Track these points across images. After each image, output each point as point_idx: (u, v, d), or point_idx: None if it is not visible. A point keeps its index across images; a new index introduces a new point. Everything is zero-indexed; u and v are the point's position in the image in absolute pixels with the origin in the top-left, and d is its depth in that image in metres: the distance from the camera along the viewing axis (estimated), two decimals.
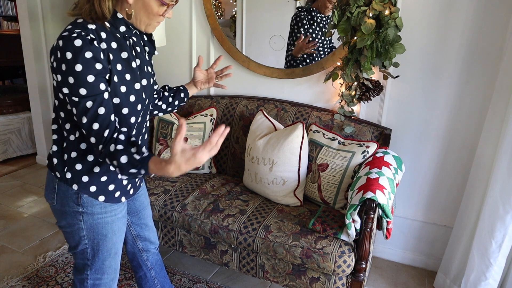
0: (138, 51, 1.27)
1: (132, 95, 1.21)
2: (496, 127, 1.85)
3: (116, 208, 1.35)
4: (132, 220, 1.57)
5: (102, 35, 1.15)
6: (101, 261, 1.37)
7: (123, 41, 1.21)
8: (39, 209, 2.90)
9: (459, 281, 2.03)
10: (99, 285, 1.41)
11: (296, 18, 2.30)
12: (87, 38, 1.09)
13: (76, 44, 1.06)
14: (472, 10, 1.93)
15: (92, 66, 1.08)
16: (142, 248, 1.65)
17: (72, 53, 1.06)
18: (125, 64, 1.20)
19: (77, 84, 1.08)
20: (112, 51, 1.16)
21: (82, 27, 1.12)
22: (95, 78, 1.09)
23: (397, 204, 2.30)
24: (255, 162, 2.08)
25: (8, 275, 2.20)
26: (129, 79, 1.20)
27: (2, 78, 4.88)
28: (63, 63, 1.07)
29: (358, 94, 2.13)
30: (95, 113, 1.11)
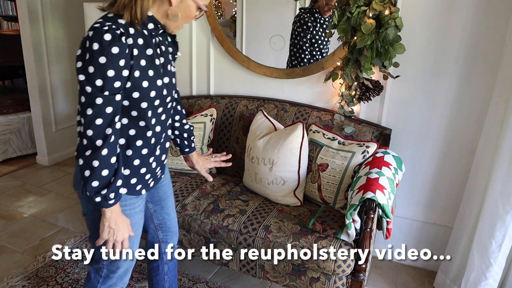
0: (163, 50, 1.30)
1: (153, 91, 1.23)
2: (496, 127, 1.85)
3: (135, 201, 1.37)
4: (155, 209, 1.60)
5: (130, 31, 1.17)
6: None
7: (149, 38, 1.24)
8: (39, 209, 2.90)
9: (459, 281, 2.03)
10: (112, 277, 1.43)
11: (300, 21, 2.29)
12: (116, 33, 1.12)
13: (106, 38, 1.10)
14: (472, 10, 1.93)
15: (115, 62, 1.11)
16: (162, 239, 1.67)
17: (99, 45, 1.09)
18: (149, 60, 1.22)
19: (96, 75, 1.10)
20: (138, 47, 1.19)
21: (113, 21, 1.14)
22: (115, 74, 1.12)
23: (397, 204, 2.30)
24: (255, 162, 2.08)
25: (8, 275, 2.20)
26: (151, 75, 1.23)
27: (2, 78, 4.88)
28: (88, 52, 1.10)
29: (358, 94, 2.13)
30: (101, 109, 1.13)
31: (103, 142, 1.15)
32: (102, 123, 1.14)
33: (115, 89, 1.14)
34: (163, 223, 1.64)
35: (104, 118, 1.14)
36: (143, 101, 1.23)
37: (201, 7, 1.26)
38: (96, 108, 1.13)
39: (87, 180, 1.16)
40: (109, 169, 1.18)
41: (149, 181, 1.41)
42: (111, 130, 1.16)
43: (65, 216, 2.82)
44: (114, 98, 1.15)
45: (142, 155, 1.32)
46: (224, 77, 2.59)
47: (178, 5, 1.23)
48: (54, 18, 3.42)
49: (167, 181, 1.61)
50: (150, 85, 1.23)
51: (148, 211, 1.60)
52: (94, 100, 1.12)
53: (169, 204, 1.64)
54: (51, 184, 3.29)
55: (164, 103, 1.32)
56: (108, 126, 1.15)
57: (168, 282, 1.76)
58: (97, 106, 1.13)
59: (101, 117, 1.14)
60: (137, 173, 1.33)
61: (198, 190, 2.14)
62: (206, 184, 2.21)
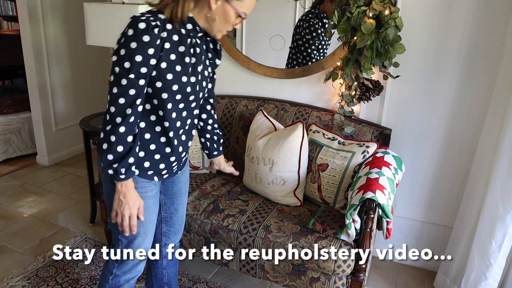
0: (197, 51, 1.37)
1: (175, 85, 1.31)
2: (496, 127, 1.85)
3: (147, 185, 1.43)
4: (165, 202, 1.64)
5: (167, 26, 1.26)
6: (130, 239, 1.45)
7: (185, 37, 1.31)
8: (39, 209, 2.90)
9: (459, 281, 2.03)
10: (127, 263, 1.49)
11: (309, 27, 2.29)
12: (151, 24, 1.21)
13: (140, 26, 1.20)
14: (472, 10, 1.93)
15: (145, 49, 1.21)
16: (164, 232, 1.70)
17: (133, 31, 1.20)
18: (179, 56, 1.30)
19: (125, 57, 1.21)
20: (171, 41, 1.27)
21: (153, 14, 1.25)
22: (142, 60, 1.22)
23: (397, 204, 2.30)
24: (255, 162, 2.08)
25: (8, 275, 2.20)
26: (178, 71, 1.30)
27: (2, 78, 4.87)
28: (124, 36, 1.22)
29: (358, 94, 2.13)
30: (125, 90, 1.23)
31: (122, 120, 1.25)
32: (124, 103, 1.24)
33: (141, 74, 1.23)
34: (169, 218, 1.67)
35: (126, 98, 1.24)
36: (164, 91, 1.30)
37: (240, 14, 1.32)
38: (121, 88, 1.23)
39: (103, 152, 1.27)
40: (124, 145, 1.27)
41: (162, 171, 1.45)
42: (131, 111, 1.25)
43: (65, 216, 2.82)
44: (138, 82, 1.24)
45: (158, 142, 1.39)
46: (224, 77, 2.59)
47: (217, 9, 1.29)
48: (54, 18, 3.42)
49: (185, 179, 1.65)
50: (173, 78, 1.30)
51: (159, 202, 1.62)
52: (120, 81, 1.23)
53: (180, 201, 1.67)
54: (51, 184, 3.29)
55: (187, 100, 1.38)
56: (129, 106, 1.25)
57: (167, 278, 1.77)
58: (122, 86, 1.23)
59: (123, 97, 1.24)
60: (151, 158, 1.40)
61: (198, 190, 2.14)
62: (206, 184, 2.21)
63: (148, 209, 1.43)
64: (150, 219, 1.46)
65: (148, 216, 1.44)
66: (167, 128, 1.37)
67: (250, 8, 1.34)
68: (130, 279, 1.54)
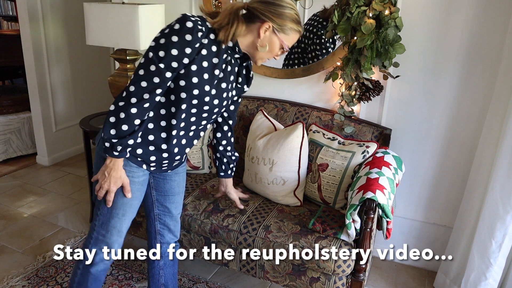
0: (228, 69, 1.43)
1: (197, 89, 1.35)
2: (496, 127, 1.85)
3: (135, 171, 1.47)
4: (157, 198, 1.66)
5: (210, 36, 1.33)
6: (108, 217, 1.49)
7: (222, 52, 1.37)
8: (39, 209, 2.90)
9: (459, 281, 2.03)
10: (101, 241, 1.52)
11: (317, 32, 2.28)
12: (197, 26, 1.27)
13: (187, 25, 1.26)
14: (472, 10, 1.93)
15: (183, 46, 1.26)
16: (158, 231, 1.71)
17: (179, 26, 1.26)
18: (210, 66, 1.35)
19: (163, 47, 1.26)
20: (209, 50, 1.33)
21: (202, 20, 1.32)
22: (177, 55, 1.26)
23: (397, 204, 2.30)
24: (255, 162, 2.08)
25: (8, 275, 2.20)
26: (205, 78, 1.35)
27: (2, 78, 4.87)
28: (169, 28, 1.27)
29: (358, 94, 2.13)
30: (151, 76, 1.28)
31: (137, 101, 1.29)
32: (145, 87, 1.29)
33: (170, 66, 1.27)
34: (162, 217, 1.69)
35: (148, 83, 1.28)
36: (184, 91, 1.35)
37: (284, 46, 1.40)
38: (147, 72, 1.28)
39: (108, 124, 1.32)
40: (129, 126, 1.32)
41: (151, 163, 1.49)
42: (148, 96, 1.30)
43: (65, 216, 2.82)
44: (165, 73, 1.28)
45: (158, 135, 1.43)
46: None
47: (264, 38, 1.37)
48: (54, 18, 3.42)
49: (178, 179, 1.66)
50: (197, 83, 1.34)
51: (151, 197, 1.66)
52: (149, 66, 1.27)
53: (173, 200, 1.68)
54: (51, 184, 3.29)
55: (201, 109, 1.41)
56: (148, 92, 1.29)
57: (164, 278, 1.77)
58: (149, 71, 1.28)
59: (147, 82, 1.28)
60: (145, 147, 1.44)
61: (198, 190, 2.14)
62: (206, 184, 2.22)
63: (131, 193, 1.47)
64: (131, 204, 1.50)
65: (130, 201, 1.48)
66: (172, 126, 1.41)
67: (293, 42, 1.43)
68: (103, 259, 1.55)
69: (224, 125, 1.71)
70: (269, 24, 1.35)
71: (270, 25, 1.35)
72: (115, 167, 1.39)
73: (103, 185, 1.41)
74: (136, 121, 1.33)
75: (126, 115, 1.31)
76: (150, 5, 2.26)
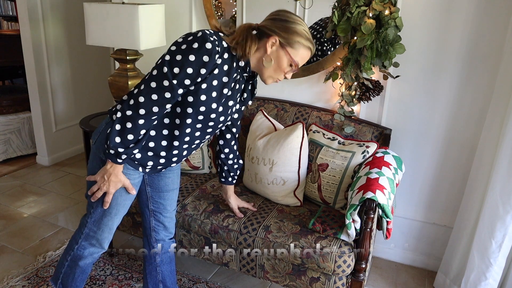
0: (236, 87, 1.44)
1: (203, 107, 1.36)
2: (496, 127, 1.85)
3: (132, 173, 1.49)
4: (152, 195, 1.68)
5: (224, 56, 1.33)
6: (100, 216, 1.51)
7: (233, 71, 1.37)
8: (39, 209, 2.90)
9: (459, 281, 2.03)
10: (92, 237, 1.55)
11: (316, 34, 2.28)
12: (215, 49, 1.27)
13: (206, 46, 1.25)
14: (472, 10, 1.93)
15: (199, 66, 1.26)
16: (153, 228, 1.73)
17: (198, 46, 1.25)
18: (220, 85, 1.35)
19: (177, 63, 1.26)
20: (221, 69, 1.33)
21: (219, 39, 1.31)
22: (191, 73, 1.27)
23: (397, 204, 2.30)
24: (255, 162, 2.08)
25: (8, 275, 2.21)
26: (213, 96, 1.36)
27: (2, 78, 4.87)
28: (186, 44, 1.26)
29: (358, 94, 2.13)
30: (162, 90, 1.28)
31: (145, 113, 1.30)
32: (155, 100, 1.29)
33: (183, 84, 1.29)
34: (157, 212, 1.71)
35: (159, 98, 1.29)
36: (191, 107, 1.35)
37: (293, 62, 1.38)
38: (160, 86, 1.28)
39: (114, 133, 1.32)
40: (134, 136, 1.33)
41: (147, 166, 1.51)
42: (157, 110, 1.31)
43: (65, 216, 2.82)
44: (177, 89, 1.29)
45: (159, 143, 1.45)
46: None
47: (271, 53, 1.37)
48: (54, 18, 3.42)
49: (173, 175, 1.68)
50: (205, 101, 1.35)
51: (146, 194, 1.68)
52: (162, 80, 1.27)
53: (167, 197, 1.70)
54: (51, 184, 3.29)
55: (206, 124, 1.43)
56: (158, 105, 1.30)
57: (161, 275, 1.79)
58: (162, 86, 1.28)
59: (157, 95, 1.29)
60: (144, 152, 1.46)
61: (198, 190, 2.14)
62: (206, 184, 2.22)
63: (125, 194, 1.50)
64: (125, 204, 1.53)
65: (123, 201, 1.51)
66: (174, 137, 1.43)
67: (303, 59, 1.41)
68: (93, 253, 1.59)
69: (227, 133, 1.73)
70: (275, 38, 1.35)
71: (277, 39, 1.35)
72: (115, 172, 1.40)
73: (102, 187, 1.42)
74: (142, 131, 1.34)
75: (133, 125, 1.31)
76: (150, 5, 2.26)
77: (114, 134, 1.32)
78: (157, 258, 1.77)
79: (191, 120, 1.39)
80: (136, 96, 1.30)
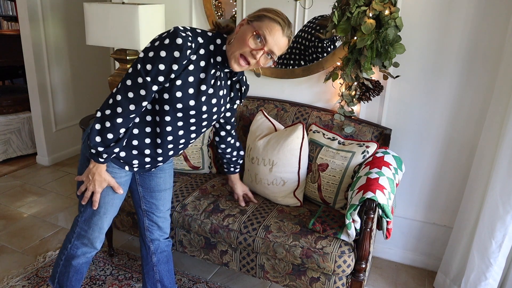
0: (217, 84, 1.42)
1: (180, 104, 1.35)
2: (496, 127, 1.85)
3: (117, 172, 1.50)
4: (144, 195, 1.68)
5: (200, 51, 1.32)
6: (89, 215, 1.53)
7: (211, 67, 1.36)
8: (39, 209, 2.90)
9: (459, 281, 2.03)
10: (83, 237, 1.57)
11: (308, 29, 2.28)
12: (187, 44, 1.26)
13: (177, 41, 1.25)
14: (472, 10, 1.93)
15: (170, 62, 1.26)
16: (147, 227, 1.74)
17: (169, 42, 1.25)
18: (197, 81, 1.35)
19: (150, 60, 1.27)
20: (196, 66, 1.32)
21: (194, 35, 1.30)
22: (164, 70, 1.27)
23: (397, 204, 2.30)
24: (255, 162, 2.08)
25: (8, 275, 2.20)
26: (190, 93, 1.35)
27: (2, 78, 4.88)
28: (159, 41, 1.27)
29: (358, 94, 2.13)
30: (137, 88, 1.29)
31: (122, 111, 1.31)
32: (131, 98, 1.30)
33: (157, 80, 1.29)
34: (150, 212, 1.71)
35: (135, 95, 1.30)
36: (167, 104, 1.35)
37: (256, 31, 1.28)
38: (134, 84, 1.29)
39: (94, 132, 1.34)
40: (114, 134, 1.34)
41: (133, 165, 1.52)
42: (134, 107, 1.32)
43: (65, 216, 2.82)
44: (151, 86, 1.29)
45: (142, 141, 1.45)
46: None
47: (237, 31, 1.34)
48: (54, 18, 3.42)
49: (164, 175, 1.68)
50: (181, 98, 1.34)
51: (138, 194, 1.69)
52: (136, 77, 1.28)
53: (160, 197, 1.70)
54: (51, 184, 3.29)
55: (187, 122, 1.42)
56: (134, 103, 1.31)
57: (158, 274, 1.79)
58: (136, 83, 1.29)
59: (133, 93, 1.29)
60: (129, 150, 1.46)
61: (198, 190, 2.14)
62: (206, 184, 2.22)
63: (112, 193, 1.51)
64: (113, 203, 1.54)
65: (111, 200, 1.52)
66: (156, 134, 1.44)
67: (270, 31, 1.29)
68: (86, 252, 1.61)
69: (221, 131, 1.74)
70: (244, 20, 1.34)
71: (246, 19, 1.34)
72: (99, 171, 1.42)
73: (88, 187, 1.44)
74: (121, 130, 1.35)
75: (111, 125, 1.32)
76: (150, 5, 2.26)
77: (94, 134, 1.34)
78: (153, 257, 1.77)
79: (170, 118, 1.39)
80: (114, 95, 1.31)
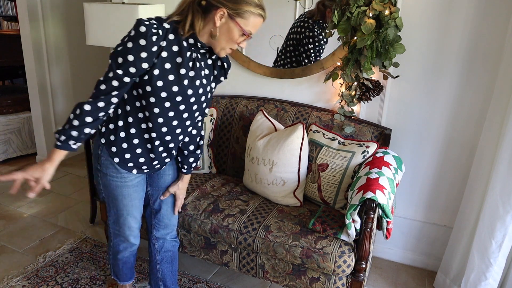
0: (197, 66, 1.41)
1: (164, 92, 1.36)
2: (496, 127, 1.85)
3: (127, 176, 1.54)
4: (153, 193, 1.71)
5: (169, 36, 1.32)
6: (116, 217, 1.64)
7: (185, 50, 1.36)
8: (39, 209, 2.90)
9: (459, 281, 2.03)
10: (118, 235, 1.70)
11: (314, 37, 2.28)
12: (151, 30, 1.27)
13: (140, 30, 1.27)
14: (472, 10, 1.93)
15: (138, 51, 1.27)
16: (153, 225, 1.76)
17: (134, 33, 1.27)
18: (174, 67, 1.35)
19: (120, 54, 1.28)
20: (170, 51, 1.33)
21: (159, 22, 1.31)
22: (133, 60, 1.28)
23: (397, 204, 2.30)
24: (255, 162, 2.08)
25: (8, 275, 2.20)
26: (170, 80, 1.35)
27: (2, 78, 4.88)
28: (127, 35, 1.30)
29: (358, 94, 2.13)
30: (109, 80, 1.31)
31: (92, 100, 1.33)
32: (103, 89, 1.32)
33: (128, 72, 1.29)
34: (157, 210, 1.73)
35: (107, 86, 1.32)
36: (152, 96, 1.36)
37: (244, 32, 1.33)
38: (106, 78, 1.31)
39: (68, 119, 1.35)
40: (79, 121, 1.32)
41: (142, 166, 1.54)
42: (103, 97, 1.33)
43: (65, 216, 2.82)
44: (123, 78, 1.30)
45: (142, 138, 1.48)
46: None
47: (221, 26, 1.32)
48: (54, 18, 3.42)
49: (171, 172, 1.70)
50: (163, 86, 1.35)
51: (146, 193, 1.71)
52: (108, 72, 1.31)
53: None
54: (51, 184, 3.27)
55: (177, 110, 1.42)
56: (104, 94, 1.32)
57: (161, 273, 1.81)
58: (107, 77, 1.31)
59: (105, 85, 1.32)
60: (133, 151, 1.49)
61: (198, 190, 2.14)
62: (206, 184, 2.21)
63: (129, 196, 1.57)
64: (133, 204, 1.60)
65: (130, 202, 1.59)
66: (150, 129, 1.45)
67: (255, 27, 1.35)
68: (127, 247, 1.74)
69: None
70: (223, 10, 1.29)
71: (225, 11, 1.29)
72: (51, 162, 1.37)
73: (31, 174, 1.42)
74: (88, 119, 1.33)
75: (80, 111, 1.33)
76: (150, 5, 2.26)
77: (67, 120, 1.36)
78: (157, 256, 1.79)
79: (159, 110, 1.40)
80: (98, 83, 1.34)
